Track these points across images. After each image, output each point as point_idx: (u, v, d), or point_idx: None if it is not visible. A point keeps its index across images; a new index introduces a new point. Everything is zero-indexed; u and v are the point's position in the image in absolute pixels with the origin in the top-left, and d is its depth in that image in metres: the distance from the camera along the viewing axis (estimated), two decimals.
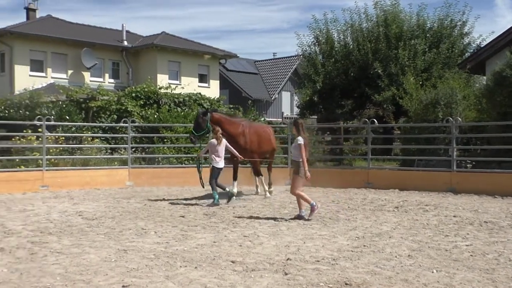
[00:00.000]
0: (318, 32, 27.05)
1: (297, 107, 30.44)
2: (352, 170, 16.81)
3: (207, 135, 12.84)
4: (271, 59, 46.28)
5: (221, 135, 11.62)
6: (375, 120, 16.17)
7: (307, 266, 6.15)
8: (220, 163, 11.55)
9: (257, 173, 13.20)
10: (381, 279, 5.64)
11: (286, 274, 5.82)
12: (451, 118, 14.79)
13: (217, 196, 11.35)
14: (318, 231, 8.39)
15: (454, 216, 9.94)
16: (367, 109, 25.79)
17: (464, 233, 8.31)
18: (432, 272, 5.95)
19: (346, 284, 5.47)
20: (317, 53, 27.50)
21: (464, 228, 8.73)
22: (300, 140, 9.39)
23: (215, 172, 11.52)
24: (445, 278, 5.70)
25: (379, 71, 23.87)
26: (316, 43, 27.39)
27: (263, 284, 5.47)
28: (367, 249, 7.08)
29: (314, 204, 9.41)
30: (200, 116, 12.25)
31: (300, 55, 29.65)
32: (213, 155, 11.53)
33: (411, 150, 16.96)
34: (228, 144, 11.77)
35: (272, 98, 41.40)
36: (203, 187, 12.05)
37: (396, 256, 6.67)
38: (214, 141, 11.62)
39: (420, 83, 21.28)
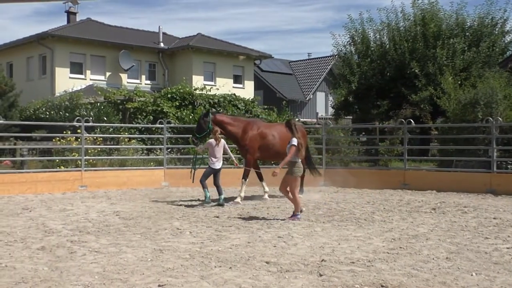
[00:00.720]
0: (354, 32, 26.81)
1: (332, 107, 30.23)
2: (388, 171, 16.57)
3: (210, 136, 12.61)
4: (306, 60, 46.10)
5: (219, 136, 11.59)
6: (411, 121, 15.94)
7: (342, 268, 6.10)
8: (217, 163, 11.53)
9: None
10: (418, 282, 5.54)
11: (320, 275, 5.79)
12: (491, 118, 14.45)
13: (208, 194, 11.49)
14: (353, 232, 8.32)
15: (494, 218, 9.70)
16: (404, 109, 25.39)
17: (504, 235, 8.10)
18: (471, 275, 5.81)
19: (382, 286, 5.40)
20: (352, 53, 27.27)
21: (505, 231, 8.50)
22: (294, 141, 9.42)
23: (208, 172, 11.53)
24: (485, 282, 5.57)
25: (416, 70, 23.51)
26: (352, 43, 27.15)
27: (297, 285, 5.45)
28: (403, 251, 6.97)
29: (299, 215, 9.47)
30: (202, 117, 12.25)
31: (335, 55, 29.45)
32: (211, 156, 11.56)
33: (449, 150, 16.64)
34: (226, 146, 11.79)
35: (307, 99, 41.22)
36: (193, 181, 11.96)
37: (433, 259, 6.55)
38: (212, 141, 11.57)
39: (459, 82, 20.82)
